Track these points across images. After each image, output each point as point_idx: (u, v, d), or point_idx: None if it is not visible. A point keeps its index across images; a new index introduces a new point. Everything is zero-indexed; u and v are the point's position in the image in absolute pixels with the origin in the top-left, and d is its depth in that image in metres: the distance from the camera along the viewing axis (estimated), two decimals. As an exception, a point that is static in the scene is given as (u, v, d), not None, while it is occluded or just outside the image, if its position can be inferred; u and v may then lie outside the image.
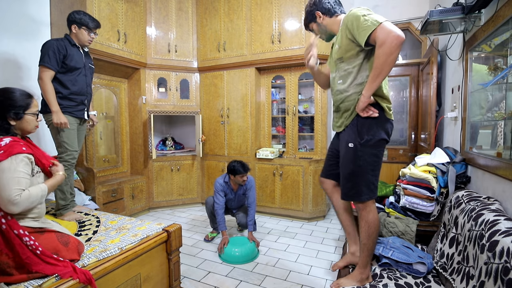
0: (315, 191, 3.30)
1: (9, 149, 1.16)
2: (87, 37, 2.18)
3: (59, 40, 2.10)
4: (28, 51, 2.90)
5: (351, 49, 1.44)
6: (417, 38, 3.33)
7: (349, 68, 1.48)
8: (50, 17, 3.09)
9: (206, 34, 3.77)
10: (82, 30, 2.15)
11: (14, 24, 2.80)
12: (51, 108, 2.00)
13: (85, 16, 2.17)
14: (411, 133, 3.44)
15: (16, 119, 1.30)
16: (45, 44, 2.04)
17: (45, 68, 1.99)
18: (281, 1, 3.28)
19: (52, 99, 2.00)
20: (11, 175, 1.14)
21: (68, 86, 2.12)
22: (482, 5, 1.56)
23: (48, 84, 2.00)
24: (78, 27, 2.15)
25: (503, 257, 0.96)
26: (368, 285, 1.37)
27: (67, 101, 2.11)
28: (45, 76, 1.99)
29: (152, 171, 3.68)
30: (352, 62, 1.46)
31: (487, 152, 1.62)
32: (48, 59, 1.99)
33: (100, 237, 1.65)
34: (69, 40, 2.15)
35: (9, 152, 1.15)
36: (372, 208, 1.51)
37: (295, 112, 3.51)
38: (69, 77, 2.12)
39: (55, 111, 2.00)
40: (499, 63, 1.51)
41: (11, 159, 1.15)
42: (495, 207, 1.27)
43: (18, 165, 1.17)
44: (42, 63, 1.99)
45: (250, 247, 2.47)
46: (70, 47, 2.12)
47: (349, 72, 1.48)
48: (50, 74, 2.01)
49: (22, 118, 1.31)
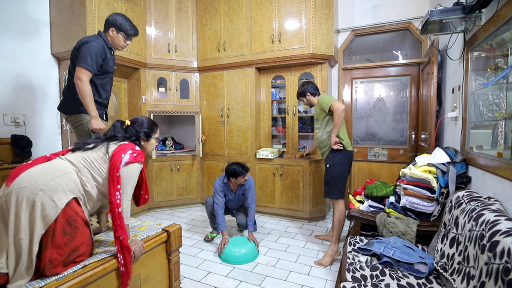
0: (315, 191, 3.30)
1: (140, 155, 1.45)
2: (123, 43, 2.08)
3: (99, 40, 1.96)
4: (27, 51, 2.90)
5: (320, 113, 2.55)
6: (418, 38, 3.33)
7: (322, 124, 2.57)
8: (50, 16, 3.09)
9: (206, 34, 3.77)
10: (120, 35, 2.04)
11: (13, 24, 2.80)
12: (91, 113, 1.88)
13: (126, 22, 2.04)
14: (412, 133, 3.44)
15: (146, 140, 1.60)
16: (87, 44, 1.90)
17: (86, 70, 1.86)
18: (281, 1, 3.28)
19: (91, 103, 1.88)
20: (134, 175, 1.43)
21: (99, 89, 2.04)
22: (482, 5, 1.56)
23: (87, 86, 1.87)
24: (117, 31, 2.03)
25: (503, 258, 0.96)
26: (370, 284, 1.36)
27: (97, 106, 1.99)
28: (85, 78, 1.86)
29: (152, 171, 3.68)
30: (322, 121, 2.57)
31: (488, 152, 1.62)
32: (90, 61, 1.87)
33: (101, 237, 1.64)
34: (106, 43, 2.02)
35: (140, 158, 1.44)
36: (340, 202, 2.49)
37: (295, 112, 3.51)
38: (101, 80, 2.04)
39: (95, 116, 1.88)
40: (499, 62, 1.51)
41: (139, 164, 1.44)
42: (495, 207, 1.27)
43: (138, 171, 1.46)
44: (84, 65, 1.85)
45: (250, 247, 2.46)
46: (107, 50, 2.02)
47: (321, 126, 2.58)
48: (89, 77, 1.90)
49: (150, 140, 1.61)
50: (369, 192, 2.29)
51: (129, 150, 1.41)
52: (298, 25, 3.22)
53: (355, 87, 3.77)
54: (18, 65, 2.84)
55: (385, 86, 3.67)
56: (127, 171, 1.39)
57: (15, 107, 2.82)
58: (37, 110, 3.00)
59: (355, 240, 1.88)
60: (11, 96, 2.78)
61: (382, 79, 3.64)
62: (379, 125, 3.70)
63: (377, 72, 3.60)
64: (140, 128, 1.57)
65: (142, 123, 1.58)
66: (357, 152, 3.65)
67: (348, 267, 1.53)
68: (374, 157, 3.63)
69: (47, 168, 1.29)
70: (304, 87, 2.68)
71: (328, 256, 2.37)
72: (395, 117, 3.61)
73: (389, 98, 3.64)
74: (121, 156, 1.37)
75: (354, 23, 3.59)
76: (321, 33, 3.19)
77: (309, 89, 2.66)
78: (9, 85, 2.77)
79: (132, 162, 1.40)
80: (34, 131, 2.96)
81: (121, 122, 1.58)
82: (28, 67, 2.91)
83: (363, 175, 3.68)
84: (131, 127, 1.56)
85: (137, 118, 1.61)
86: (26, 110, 2.90)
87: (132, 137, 1.54)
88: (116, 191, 1.33)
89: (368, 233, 2.17)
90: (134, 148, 1.45)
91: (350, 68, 3.69)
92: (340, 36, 3.68)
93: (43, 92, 3.03)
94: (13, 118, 2.79)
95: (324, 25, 3.20)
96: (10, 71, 2.77)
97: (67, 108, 2.02)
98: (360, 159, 3.68)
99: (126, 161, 1.38)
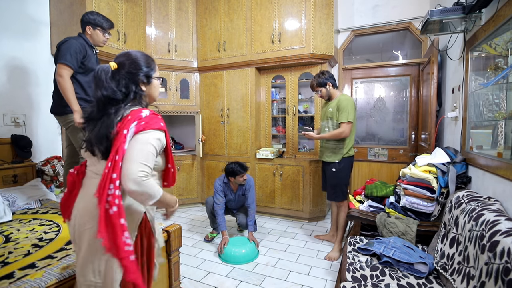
0: (315, 191, 3.30)
1: (149, 122, 1.02)
2: (102, 37, 2.13)
3: (78, 39, 2.03)
4: (27, 50, 2.90)
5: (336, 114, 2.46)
6: (418, 38, 3.33)
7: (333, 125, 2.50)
8: (50, 16, 3.09)
9: (206, 34, 3.77)
10: (97, 31, 2.10)
11: (13, 24, 2.80)
12: (73, 107, 1.92)
13: (99, 17, 2.10)
14: (412, 133, 3.44)
15: (147, 84, 1.14)
16: (66, 43, 1.97)
17: (66, 66, 1.91)
18: (281, 1, 3.28)
19: (73, 98, 1.92)
20: (142, 147, 0.99)
21: (85, 87, 2.07)
22: (482, 5, 1.56)
23: (68, 81, 1.91)
24: (93, 28, 2.08)
25: (503, 258, 0.96)
26: (370, 284, 1.36)
27: (83, 103, 2.03)
28: (65, 74, 1.90)
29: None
30: (333, 122, 2.49)
31: (488, 152, 1.62)
32: (69, 57, 1.92)
33: (100, 237, 1.64)
34: (86, 41, 2.08)
35: (149, 125, 1.02)
36: (345, 204, 2.52)
37: (295, 112, 3.51)
38: (86, 78, 2.07)
39: (77, 110, 1.92)
40: (499, 62, 1.51)
41: (148, 133, 1.01)
42: (495, 207, 1.27)
43: (153, 140, 1.02)
44: (63, 61, 1.91)
45: (250, 247, 2.46)
46: (88, 47, 2.07)
47: (331, 127, 2.51)
48: (70, 73, 1.94)
49: (151, 83, 1.16)
50: (369, 192, 2.30)
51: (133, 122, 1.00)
52: (298, 25, 3.22)
53: (355, 87, 3.77)
54: (18, 65, 2.84)
55: (385, 86, 3.67)
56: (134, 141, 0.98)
57: (15, 107, 2.82)
58: (37, 110, 3.00)
59: (355, 240, 1.88)
60: (11, 96, 2.78)
61: (382, 79, 3.64)
62: (379, 125, 3.70)
63: (377, 72, 3.60)
64: (135, 68, 1.09)
65: (136, 60, 1.11)
66: (357, 152, 3.65)
67: (348, 267, 1.53)
68: (374, 157, 3.63)
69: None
70: (325, 77, 2.48)
71: (337, 251, 2.45)
72: (395, 117, 3.61)
73: (389, 98, 3.64)
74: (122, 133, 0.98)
75: (354, 23, 3.59)
76: (321, 33, 3.19)
77: (331, 79, 2.49)
78: (9, 85, 2.77)
79: (140, 131, 0.99)
80: (34, 131, 2.96)
81: (103, 69, 1.06)
82: (28, 67, 2.91)
83: (363, 175, 3.68)
84: (122, 72, 1.08)
85: (126, 53, 1.12)
86: (26, 110, 2.90)
87: (129, 86, 1.09)
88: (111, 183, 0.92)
89: (368, 233, 2.17)
90: (140, 117, 1.02)
91: (350, 68, 3.69)
92: (340, 36, 3.68)
93: (43, 92, 3.03)
94: (13, 118, 2.79)
95: (324, 25, 3.20)
96: (10, 71, 2.77)
97: (57, 109, 2.07)
98: (360, 159, 3.68)
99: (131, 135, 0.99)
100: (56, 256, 1.40)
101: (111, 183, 0.92)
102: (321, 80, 2.48)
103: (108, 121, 1.02)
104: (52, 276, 1.20)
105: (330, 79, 2.49)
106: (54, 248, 1.50)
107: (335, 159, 2.49)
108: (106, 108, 1.05)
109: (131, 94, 1.08)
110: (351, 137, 2.48)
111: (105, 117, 1.03)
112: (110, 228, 0.90)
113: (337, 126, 2.45)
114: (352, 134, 2.47)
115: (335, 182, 2.50)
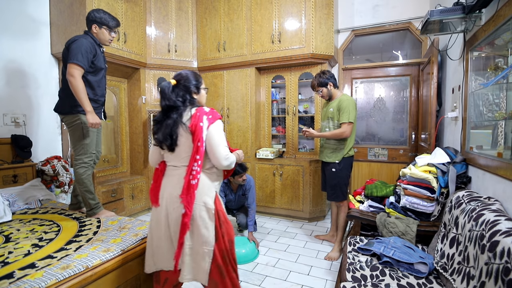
0: (315, 191, 3.30)
1: (213, 114, 1.37)
2: (108, 36, 2.09)
3: (87, 38, 1.99)
4: (27, 50, 2.90)
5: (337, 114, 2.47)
6: (418, 38, 3.33)
7: (333, 125, 2.51)
8: (50, 16, 3.09)
9: (206, 34, 3.77)
10: (103, 30, 2.06)
11: (13, 24, 2.80)
12: (86, 108, 1.89)
13: (105, 15, 2.07)
14: (412, 133, 3.44)
15: (197, 93, 1.46)
16: (76, 42, 1.92)
17: (77, 65, 1.87)
18: (281, 1, 3.28)
19: (86, 98, 1.89)
20: (220, 133, 1.36)
21: (94, 87, 2.04)
22: (482, 5, 1.56)
23: (80, 82, 1.88)
24: (99, 26, 2.05)
25: (503, 258, 0.96)
26: (370, 284, 1.36)
27: (93, 103, 2.00)
28: (77, 74, 1.87)
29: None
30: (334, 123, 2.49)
31: (488, 152, 1.62)
32: (81, 57, 1.88)
33: (101, 237, 1.64)
34: (94, 40, 2.05)
35: (214, 117, 1.36)
36: (345, 204, 2.53)
37: (295, 112, 3.51)
38: (96, 78, 2.05)
39: (90, 111, 1.89)
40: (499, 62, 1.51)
41: (217, 123, 1.37)
42: (495, 207, 1.27)
43: (221, 126, 1.40)
44: (75, 61, 1.86)
45: (250, 247, 2.46)
46: (96, 47, 2.04)
47: (333, 127, 2.50)
48: (81, 73, 1.90)
49: (200, 92, 1.48)
50: (369, 192, 2.30)
51: (203, 116, 1.33)
52: (298, 25, 3.22)
53: (355, 87, 3.77)
54: (18, 65, 2.84)
55: (385, 86, 3.67)
56: (212, 132, 1.33)
57: (15, 107, 2.82)
58: (37, 110, 3.00)
59: (355, 240, 1.88)
60: (11, 96, 2.78)
61: (382, 79, 3.65)
62: (379, 125, 3.70)
63: (377, 72, 3.60)
64: (188, 83, 1.42)
65: (188, 77, 1.43)
66: (357, 152, 3.65)
67: (348, 267, 1.53)
68: (374, 157, 3.63)
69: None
70: (326, 76, 2.49)
71: (337, 251, 2.46)
72: (395, 117, 3.61)
73: (389, 98, 3.64)
74: (200, 125, 1.31)
75: (354, 23, 3.59)
76: (321, 33, 3.19)
77: (332, 79, 2.50)
78: (9, 85, 2.77)
79: (212, 123, 1.34)
80: (34, 131, 2.96)
81: (165, 85, 1.40)
82: (28, 67, 2.91)
83: (363, 175, 3.68)
84: (180, 86, 1.41)
85: (180, 73, 1.45)
86: (26, 110, 2.90)
87: (185, 96, 1.41)
88: (195, 162, 1.29)
89: (368, 233, 2.17)
90: (205, 112, 1.36)
91: (350, 68, 3.69)
92: (340, 36, 3.68)
93: (43, 92, 3.03)
94: (13, 118, 2.79)
95: (324, 25, 3.20)
96: (10, 71, 2.77)
97: (63, 108, 2.04)
98: (360, 159, 3.68)
99: (206, 126, 1.32)
100: (56, 256, 1.40)
101: (195, 162, 1.30)
102: (322, 80, 2.49)
103: (171, 123, 1.33)
104: (52, 276, 1.20)
105: (331, 79, 2.50)
106: (54, 248, 1.50)
107: (335, 159, 2.49)
108: (168, 113, 1.36)
109: (187, 101, 1.40)
110: (351, 137, 2.48)
111: (169, 120, 1.35)
112: (189, 192, 1.29)
113: (338, 126, 2.46)
114: (352, 134, 2.47)
115: (335, 182, 2.50)
